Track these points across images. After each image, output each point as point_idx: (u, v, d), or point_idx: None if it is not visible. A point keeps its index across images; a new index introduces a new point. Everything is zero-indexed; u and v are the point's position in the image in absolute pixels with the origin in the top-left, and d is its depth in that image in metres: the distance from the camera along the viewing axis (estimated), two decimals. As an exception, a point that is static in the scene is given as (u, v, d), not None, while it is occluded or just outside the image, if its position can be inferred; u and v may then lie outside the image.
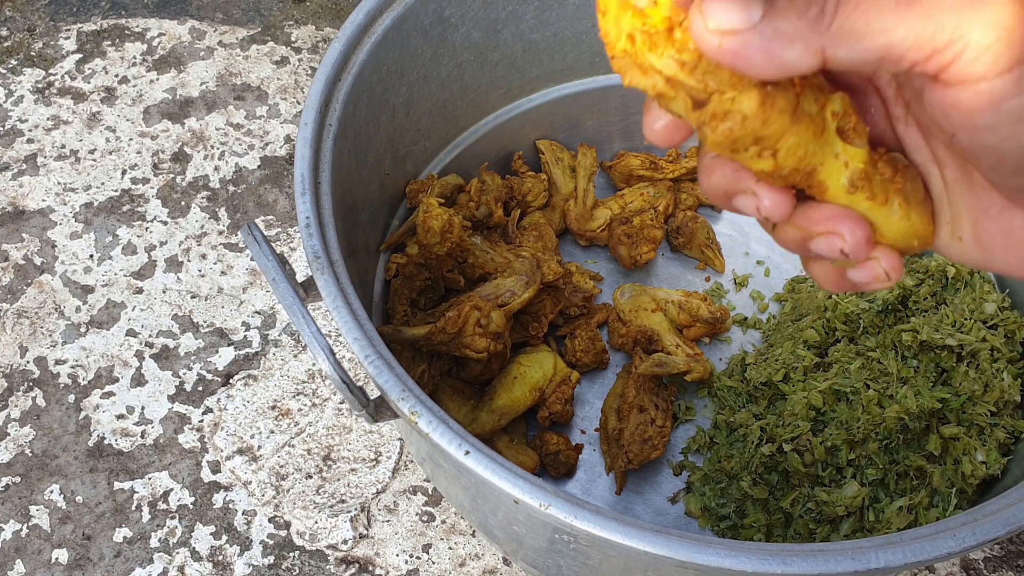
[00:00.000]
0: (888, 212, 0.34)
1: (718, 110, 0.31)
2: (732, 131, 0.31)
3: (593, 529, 0.47)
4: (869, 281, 0.34)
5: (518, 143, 0.86)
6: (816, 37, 0.28)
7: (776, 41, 0.28)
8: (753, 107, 0.30)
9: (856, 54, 0.28)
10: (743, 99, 0.30)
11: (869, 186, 0.33)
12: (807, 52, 0.28)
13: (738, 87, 0.30)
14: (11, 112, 0.97)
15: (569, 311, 0.79)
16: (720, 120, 0.31)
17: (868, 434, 0.68)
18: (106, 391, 0.82)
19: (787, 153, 0.32)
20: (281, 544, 0.75)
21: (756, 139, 0.31)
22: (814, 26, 0.28)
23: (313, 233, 0.57)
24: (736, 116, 0.30)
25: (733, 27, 0.28)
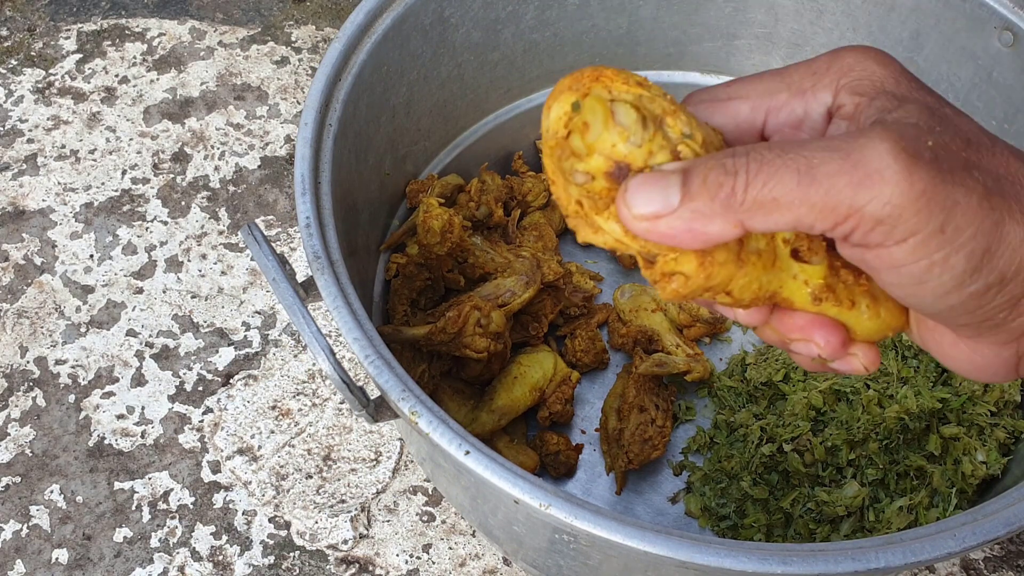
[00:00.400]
0: (857, 314, 0.35)
1: (664, 270, 0.33)
2: (678, 291, 0.33)
3: (593, 529, 0.47)
4: (850, 372, 0.37)
5: (518, 143, 0.86)
6: (731, 214, 0.30)
7: (697, 221, 0.31)
8: (693, 267, 0.32)
9: (771, 224, 0.31)
10: (683, 261, 0.32)
11: (834, 295, 0.35)
12: (726, 226, 0.31)
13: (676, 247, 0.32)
14: (11, 112, 0.97)
15: (569, 311, 0.79)
16: (667, 280, 0.33)
17: (868, 434, 0.68)
18: (106, 391, 0.82)
19: (741, 291, 0.34)
20: (281, 544, 0.75)
21: (705, 289, 0.33)
22: (727, 205, 0.30)
23: (313, 233, 0.57)
24: (679, 278, 0.33)
25: (655, 212, 0.31)
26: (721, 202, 0.30)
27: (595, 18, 0.79)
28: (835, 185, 0.29)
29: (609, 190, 0.32)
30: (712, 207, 0.30)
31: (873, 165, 0.29)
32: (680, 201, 0.31)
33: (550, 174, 0.33)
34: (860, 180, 0.29)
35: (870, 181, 0.29)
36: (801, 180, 0.30)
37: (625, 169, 0.32)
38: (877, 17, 0.75)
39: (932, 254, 0.29)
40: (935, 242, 0.29)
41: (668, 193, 0.31)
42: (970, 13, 0.70)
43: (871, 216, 0.29)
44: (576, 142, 0.32)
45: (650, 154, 0.32)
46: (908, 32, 0.75)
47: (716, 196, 0.30)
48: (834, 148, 0.30)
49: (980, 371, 0.34)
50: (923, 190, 0.29)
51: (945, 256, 0.29)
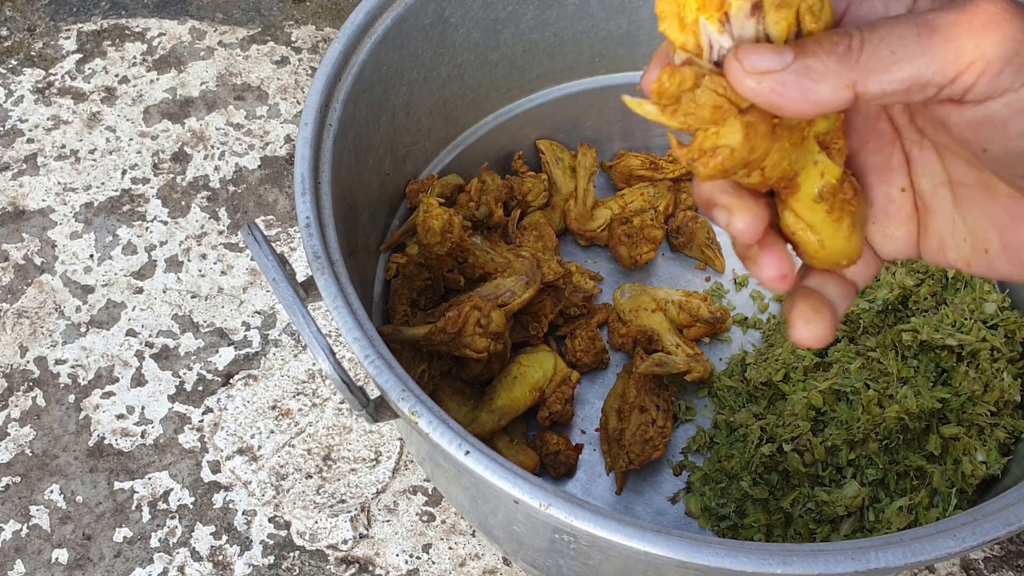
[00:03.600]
0: (836, 229, 0.36)
1: (705, 146, 0.32)
2: (722, 164, 0.32)
3: (593, 529, 0.47)
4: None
5: (518, 143, 0.86)
6: (846, 72, 0.30)
7: (809, 78, 0.30)
8: (739, 138, 0.32)
9: (886, 85, 0.30)
10: (727, 133, 0.32)
11: (832, 200, 0.35)
12: (839, 87, 0.30)
13: (719, 120, 0.32)
14: (11, 112, 0.97)
15: (569, 311, 0.79)
16: (709, 156, 0.32)
17: (868, 434, 0.68)
18: (106, 391, 0.82)
19: (772, 168, 0.33)
20: (281, 544, 0.75)
21: (745, 164, 0.33)
22: (843, 61, 0.30)
23: (313, 233, 0.57)
24: (724, 151, 0.32)
25: (768, 68, 0.31)
26: (837, 58, 0.30)
27: (595, 18, 0.79)
28: (956, 33, 0.29)
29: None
30: (827, 64, 0.30)
31: (992, 10, 0.29)
32: (794, 57, 0.31)
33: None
34: (982, 25, 0.29)
35: (993, 24, 0.29)
36: (921, 32, 0.29)
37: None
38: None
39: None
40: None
41: (782, 51, 0.31)
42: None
43: (999, 58, 0.29)
44: None
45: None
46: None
47: (832, 52, 0.30)
48: (948, 6, 0.30)
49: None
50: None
51: None
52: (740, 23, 0.32)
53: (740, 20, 0.32)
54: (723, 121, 0.32)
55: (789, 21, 0.32)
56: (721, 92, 0.32)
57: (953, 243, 0.37)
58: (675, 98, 0.32)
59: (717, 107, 0.32)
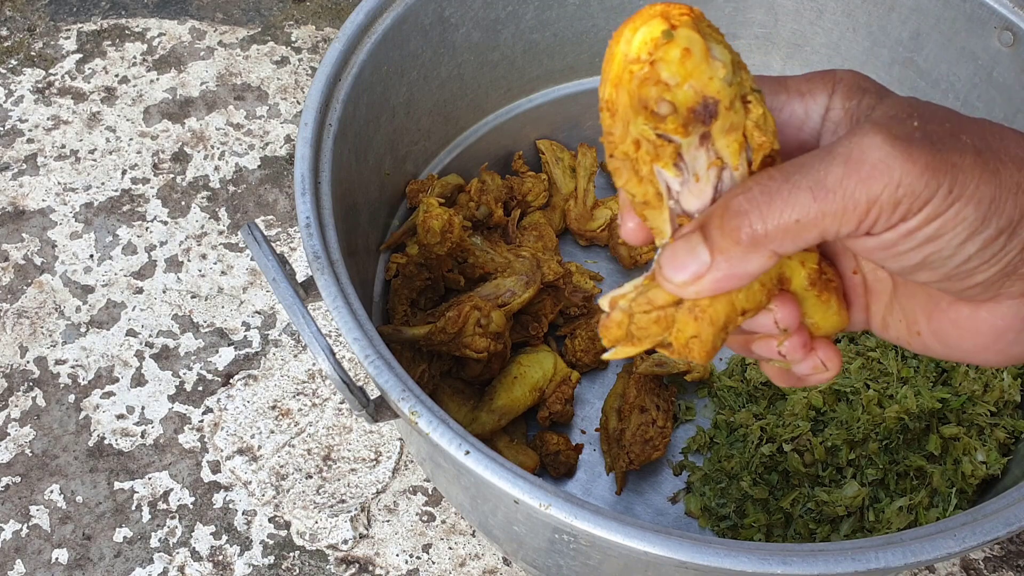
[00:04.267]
0: (827, 308, 0.38)
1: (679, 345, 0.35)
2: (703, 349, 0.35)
3: (593, 529, 0.47)
4: (812, 373, 0.39)
5: (518, 143, 0.86)
6: (762, 247, 0.33)
7: (734, 266, 0.33)
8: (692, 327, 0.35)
9: (800, 244, 0.33)
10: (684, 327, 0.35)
11: (820, 283, 0.37)
12: (762, 259, 0.33)
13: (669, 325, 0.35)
14: (11, 112, 0.97)
15: (569, 311, 0.79)
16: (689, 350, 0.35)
17: (868, 434, 0.68)
18: (106, 391, 0.82)
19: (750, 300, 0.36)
20: (281, 544, 0.75)
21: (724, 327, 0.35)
22: (754, 242, 0.33)
23: (313, 233, 0.57)
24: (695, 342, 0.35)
25: (695, 274, 0.34)
26: (747, 243, 0.33)
27: (595, 18, 0.79)
28: (848, 188, 0.31)
29: (677, 131, 0.32)
30: (742, 250, 0.33)
31: (875, 157, 0.31)
32: (711, 256, 0.33)
33: (611, 102, 0.32)
34: (868, 175, 0.31)
35: (877, 172, 0.31)
36: (816, 195, 0.32)
37: (712, 107, 0.32)
38: (877, 17, 0.75)
39: (944, 211, 0.32)
40: (946, 202, 0.32)
41: (697, 252, 0.34)
42: (970, 13, 0.70)
43: (888, 201, 0.31)
44: (667, 71, 0.31)
45: (735, 97, 0.32)
46: (908, 32, 0.75)
47: (740, 239, 0.33)
48: (833, 155, 0.32)
49: (1001, 338, 0.36)
50: (925, 163, 0.31)
51: (956, 210, 0.32)
52: (692, 156, 0.33)
53: (691, 154, 0.33)
54: (673, 322, 0.34)
55: (739, 141, 0.33)
56: (650, 309, 0.34)
57: (892, 323, 0.39)
58: (628, 336, 0.35)
59: (658, 320, 0.34)
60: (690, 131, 0.32)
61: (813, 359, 0.39)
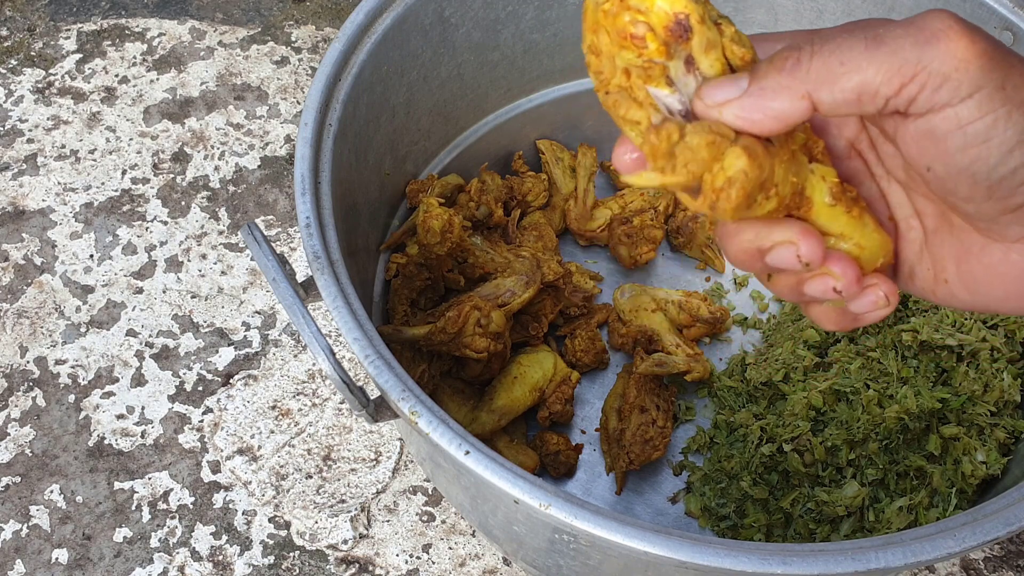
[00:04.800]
0: (863, 225, 0.37)
1: (718, 183, 0.33)
2: (743, 190, 0.33)
3: (593, 529, 0.47)
4: (870, 309, 0.37)
5: (518, 143, 0.86)
6: (799, 84, 0.32)
7: (765, 97, 0.33)
8: (745, 161, 0.33)
9: (837, 95, 0.32)
10: (732, 161, 0.33)
11: (845, 199, 0.36)
12: (795, 98, 0.32)
13: (718, 156, 0.33)
14: (11, 112, 0.97)
15: (569, 311, 0.79)
16: (728, 189, 0.33)
17: (868, 434, 0.68)
18: (106, 391, 0.82)
19: (783, 184, 0.34)
20: (281, 544, 0.75)
21: (762, 185, 0.34)
22: (793, 75, 0.32)
23: (313, 233, 0.57)
24: (739, 177, 0.33)
25: (728, 98, 0.33)
26: (787, 72, 0.32)
27: (595, 18, 0.79)
28: (902, 46, 0.31)
29: (661, 53, 0.33)
30: (779, 80, 0.32)
31: (937, 26, 0.31)
32: (749, 83, 0.33)
33: (593, 45, 0.34)
34: (927, 39, 0.31)
35: (936, 39, 0.31)
36: (868, 44, 0.31)
37: (684, 24, 0.33)
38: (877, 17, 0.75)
39: (997, 108, 0.31)
40: (999, 97, 0.31)
41: (739, 80, 0.33)
42: (970, 13, 0.70)
43: (939, 72, 0.31)
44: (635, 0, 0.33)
45: (704, 14, 0.33)
46: (908, 32, 0.74)
47: (783, 68, 0.32)
48: (898, 21, 0.32)
49: None
50: (984, 49, 0.31)
51: (1008, 111, 0.31)
52: (682, 82, 0.34)
53: (681, 79, 0.34)
54: (721, 156, 0.33)
55: (720, 60, 0.34)
56: (708, 132, 0.33)
57: (920, 272, 0.38)
58: (669, 154, 0.33)
59: (711, 143, 0.33)
60: (672, 51, 0.33)
61: (873, 293, 0.37)
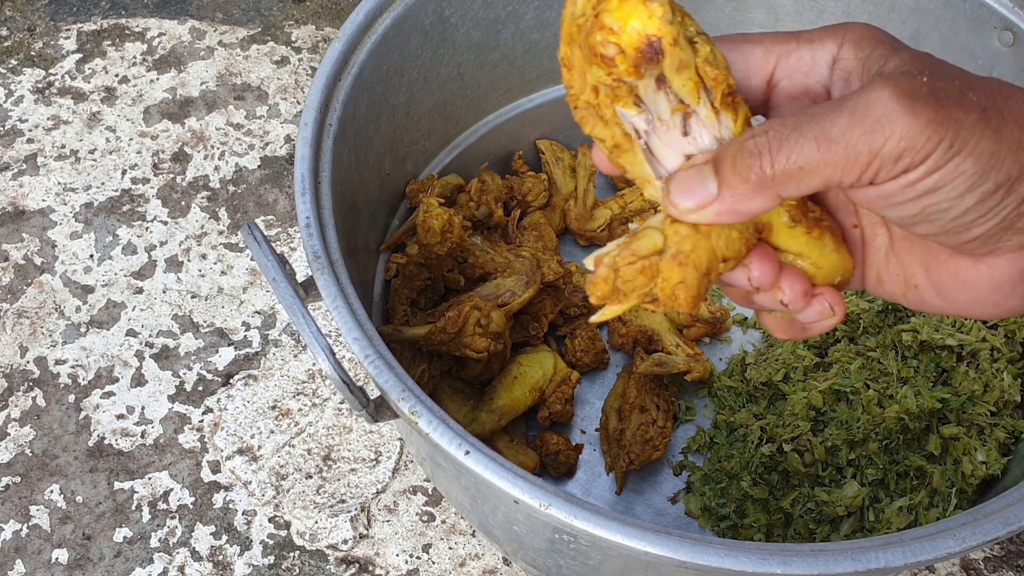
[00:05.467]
0: (822, 246, 0.38)
1: (665, 296, 0.35)
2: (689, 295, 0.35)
3: (593, 529, 0.47)
4: (817, 319, 0.39)
5: (518, 143, 0.86)
6: (766, 190, 0.34)
7: (738, 202, 0.35)
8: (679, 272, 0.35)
9: (803, 189, 0.34)
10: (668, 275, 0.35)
11: (807, 220, 0.37)
12: (765, 200, 0.35)
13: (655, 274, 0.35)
14: (11, 112, 0.97)
15: (569, 311, 0.79)
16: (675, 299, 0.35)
17: (868, 434, 0.68)
18: (106, 391, 0.82)
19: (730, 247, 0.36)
20: (281, 544, 0.75)
21: (707, 272, 0.36)
22: (760, 183, 0.34)
23: (313, 233, 0.57)
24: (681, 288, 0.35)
25: (700, 203, 0.35)
26: (754, 182, 0.34)
27: (595, 18, 0.79)
28: (851, 140, 0.33)
29: (630, 73, 0.34)
30: (748, 188, 0.34)
31: (879, 111, 0.33)
32: (719, 189, 0.35)
33: (566, 58, 0.35)
34: (872, 128, 0.33)
35: (880, 126, 0.32)
36: (820, 145, 0.33)
37: (656, 47, 0.33)
38: (877, 17, 0.75)
39: (945, 164, 0.33)
40: (946, 156, 0.33)
41: (706, 183, 0.35)
42: (970, 13, 0.70)
43: (890, 154, 0.33)
44: (609, 17, 0.33)
45: (678, 35, 0.34)
46: (908, 32, 0.75)
47: (748, 178, 0.34)
48: (841, 108, 0.33)
49: (997, 292, 0.37)
50: (928, 118, 0.32)
51: (956, 163, 0.33)
52: (652, 100, 0.35)
53: (651, 97, 0.35)
54: (657, 272, 0.35)
55: (693, 80, 0.35)
56: (634, 259, 0.35)
57: (888, 277, 0.40)
58: (615, 291, 0.35)
59: (643, 270, 0.35)
60: (642, 72, 0.34)
61: (818, 304, 0.39)
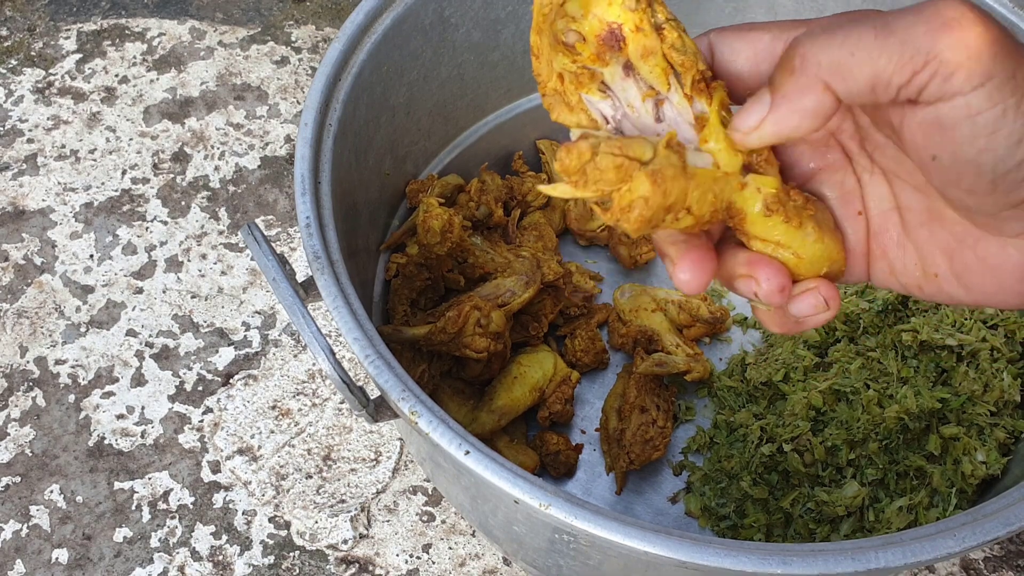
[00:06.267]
0: (803, 235, 0.37)
1: (622, 204, 0.34)
2: (642, 215, 0.34)
3: (593, 529, 0.47)
4: (810, 313, 0.37)
5: (518, 143, 0.86)
6: (815, 79, 0.32)
7: (792, 102, 0.33)
8: (647, 187, 0.33)
9: (851, 84, 0.32)
10: (636, 186, 0.34)
11: (783, 210, 0.36)
12: (818, 92, 0.32)
13: (626, 178, 0.34)
14: (11, 112, 0.97)
15: (569, 311, 0.79)
16: (628, 211, 0.34)
17: (868, 434, 0.68)
18: (106, 391, 0.82)
19: (699, 204, 0.35)
20: (281, 544, 0.75)
21: (665, 209, 0.34)
22: (805, 71, 0.32)
23: (313, 233, 0.57)
24: (639, 202, 0.34)
25: (760, 118, 0.34)
26: (799, 71, 0.32)
27: (595, 18, 0.79)
28: (913, 34, 0.31)
29: (594, 60, 0.34)
30: (796, 81, 0.32)
31: (949, 14, 0.30)
32: (772, 97, 0.33)
33: (535, 47, 0.35)
34: (938, 27, 0.30)
35: (948, 27, 0.30)
36: (879, 33, 0.31)
37: (617, 34, 0.34)
38: (877, 17, 0.75)
39: (1007, 99, 0.30)
40: (1009, 87, 0.30)
41: (762, 99, 0.34)
42: (970, 13, 0.70)
43: (951, 60, 0.30)
44: (572, 6, 0.34)
45: (640, 23, 0.34)
46: (908, 32, 0.75)
47: (793, 68, 0.32)
48: (908, 8, 0.31)
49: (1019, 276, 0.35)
50: (996, 37, 0.30)
51: (1017, 101, 0.31)
52: (620, 87, 0.35)
53: (619, 84, 0.35)
54: (630, 178, 0.34)
55: (661, 65, 0.35)
56: (618, 153, 0.34)
57: (903, 268, 0.38)
58: (581, 171, 0.34)
59: (619, 167, 0.34)
60: (607, 59, 0.34)
61: (811, 298, 0.37)
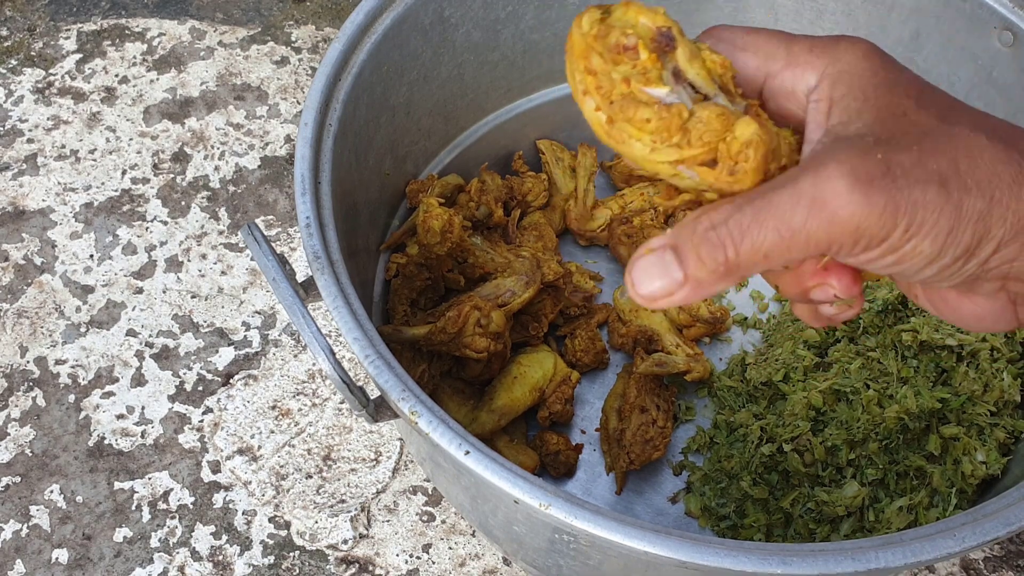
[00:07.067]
0: None
1: (734, 150, 0.35)
2: (760, 151, 0.35)
3: (593, 529, 0.47)
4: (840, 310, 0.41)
5: (518, 143, 0.86)
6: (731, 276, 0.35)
7: (704, 287, 0.36)
8: (754, 126, 0.34)
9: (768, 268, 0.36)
10: (742, 129, 0.35)
11: None
12: (731, 282, 0.36)
13: (729, 127, 0.34)
14: (11, 112, 0.97)
15: (569, 311, 0.79)
16: (745, 150, 0.35)
17: (868, 434, 0.68)
18: (106, 391, 0.82)
19: (784, 149, 0.36)
20: (281, 544, 0.75)
21: (772, 152, 0.35)
22: (725, 271, 0.35)
23: (313, 233, 0.57)
24: (755, 141, 0.35)
25: (665, 290, 0.36)
26: (720, 271, 0.35)
27: (595, 18, 0.79)
28: (809, 229, 0.34)
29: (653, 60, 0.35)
30: (714, 276, 0.35)
31: (836, 203, 0.33)
32: (683, 278, 0.36)
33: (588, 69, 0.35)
34: (829, 219, 0.33)
35: (837, 217, 0.33)
36: (782, 234, 0.34)
37: (667, 32, 0.35)
38: (877, 17, 0.75)
39: (903, 247, 0.34)
40: (903, 238, 0.34)
41: (670, 271, 0.36)
42: (970, 13, 0.70)
43: (848, 239, 0.34)
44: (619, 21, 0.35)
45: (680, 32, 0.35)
46: (908, 32, 0.75)
47: (714, 269, 0.35)
48: (798, 195, 0.34)
49: (983, 321, 0.39)
50: (883, 205, 0.33)
51: (913, 246, 0.34)
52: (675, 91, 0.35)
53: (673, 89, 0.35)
54: (732, 126, 0.35)
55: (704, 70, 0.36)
56: (715, 105, 0.35)
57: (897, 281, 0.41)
58: (683, 129, 0.34)
59: (721, 115, 0.34)
60: (661, 60, 0.35)
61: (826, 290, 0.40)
